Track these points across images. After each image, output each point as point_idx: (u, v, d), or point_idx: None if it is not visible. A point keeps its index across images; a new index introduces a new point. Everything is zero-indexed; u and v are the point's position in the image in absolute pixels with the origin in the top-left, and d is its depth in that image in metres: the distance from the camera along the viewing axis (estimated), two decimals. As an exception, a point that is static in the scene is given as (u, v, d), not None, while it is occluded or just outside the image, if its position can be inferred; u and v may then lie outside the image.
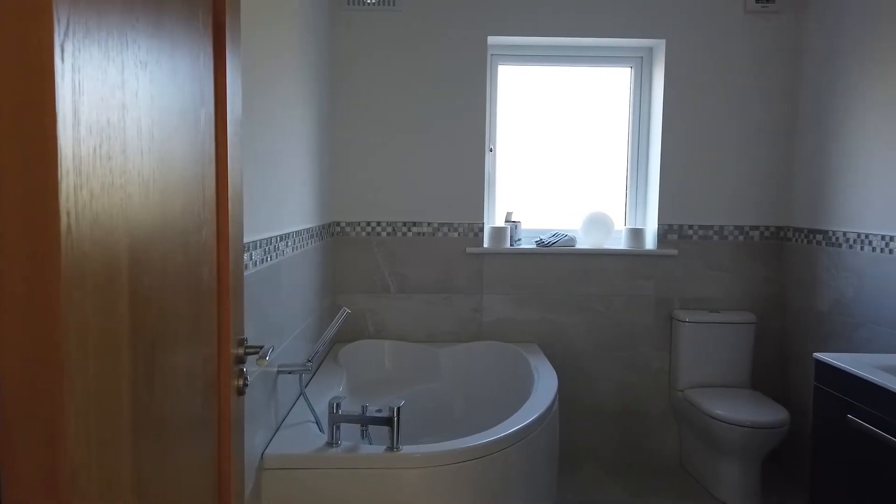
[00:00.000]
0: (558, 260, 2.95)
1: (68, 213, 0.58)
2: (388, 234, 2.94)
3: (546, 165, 3.11)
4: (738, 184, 2.93)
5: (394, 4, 2.82)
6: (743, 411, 2.50)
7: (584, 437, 3.02)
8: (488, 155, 3.00)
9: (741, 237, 2.96)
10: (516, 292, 2.97)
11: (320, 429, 1.93)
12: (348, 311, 2.19)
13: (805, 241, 2.80)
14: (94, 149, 0.63)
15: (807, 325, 2.77)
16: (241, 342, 1.14)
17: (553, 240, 2.96)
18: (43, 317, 0.56)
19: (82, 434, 0.61)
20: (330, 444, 1.75)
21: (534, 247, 2.96)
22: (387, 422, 1.77)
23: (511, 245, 2.97)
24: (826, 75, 2.67)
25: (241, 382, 1.12)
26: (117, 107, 0.68)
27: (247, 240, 1.58)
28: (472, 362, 2.85)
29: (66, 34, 0.57)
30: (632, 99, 3.06)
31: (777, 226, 2.96)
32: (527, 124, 3.09)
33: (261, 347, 1.21)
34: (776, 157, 2.92)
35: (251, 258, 1.62)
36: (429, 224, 2.94)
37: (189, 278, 0.91)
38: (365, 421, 1.82)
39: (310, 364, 1.98)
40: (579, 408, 3.00)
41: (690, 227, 2.95)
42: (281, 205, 1.97)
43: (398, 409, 1.77)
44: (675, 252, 2.93)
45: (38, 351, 0.57)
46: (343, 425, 1.80)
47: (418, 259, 2.95)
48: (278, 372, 1.88)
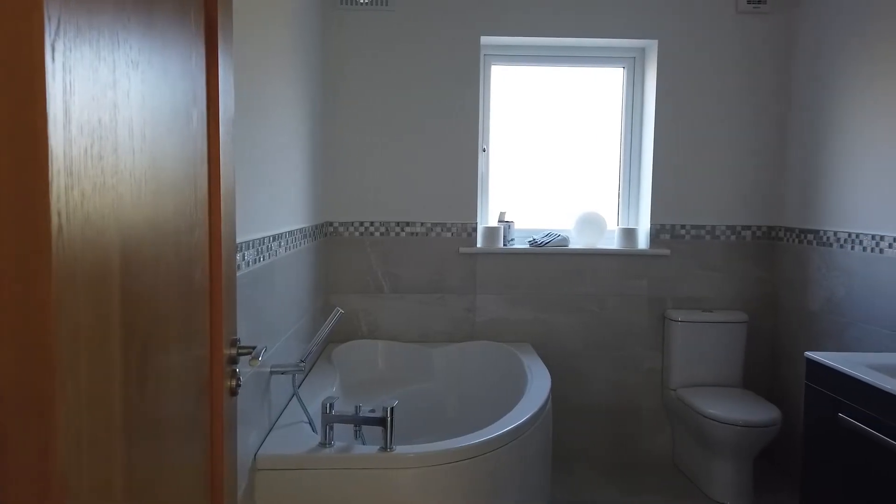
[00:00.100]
0: (551, 260, 2.96)
1: (59, 214, 0.58)
2: (382, 234, 2.94)
3: (539, 165, 3.12)
4: (730, 184, 2.95)
5: (386, 4, 2.82)
6: (735, 410, 2.51)
7: (578, 437, 3.03)
8: (481, 155, 3.01)
9: (733, 237, 2.97)
10: (509, 292, 2.97)
11: (313, 429, 1.93)
12: (341, 311, 2.19)
13: (796, 240, 2.82)
14: (86, 149, 0.63)
15: (798, 325, 2.79)
16: (234, 342, 1.13)
17: (546, 240, 2.96)
18: (34, 317, 0.56)
19: (73, 435, 0.61)
20: (323, 444, 1.74)
21: (527, 247, 2.97)
22: (380, 422, 1.77)
23: (504, 245, 2.97)
24: (817, 75, 2.68)
25: (234, 383, 1.12)
26: (109, 106, 0.68)
27: (239, 240, 1.57)
28: (465, 362, 2.85)
29: (56, 34, 0.57)
30: (624, 99, 3.07)
31: (769, 225, 2.97)
32: (520, 124, 3.10)
33: (253, 348, 1.21)
34: (768, 158, 2.94)
35: (244, 258, 1.62)
36: (422, 224, 2.94)
37: (181, 279, 0.90)
38: (358, 421, 1.82)
39: (303, 364, 1.97)
40: (572, 407, 3.01)
41: (683, 226, 2.96)
42: (274, 205, 1.96)
43: (391, 409, 1.77)
44: (667, 252, 2.94)
45: (28, 352, 0.56)
46: (336, 425, 1.79)
47: (411, 259, 2.95)
48: (271, 372, 1.88)
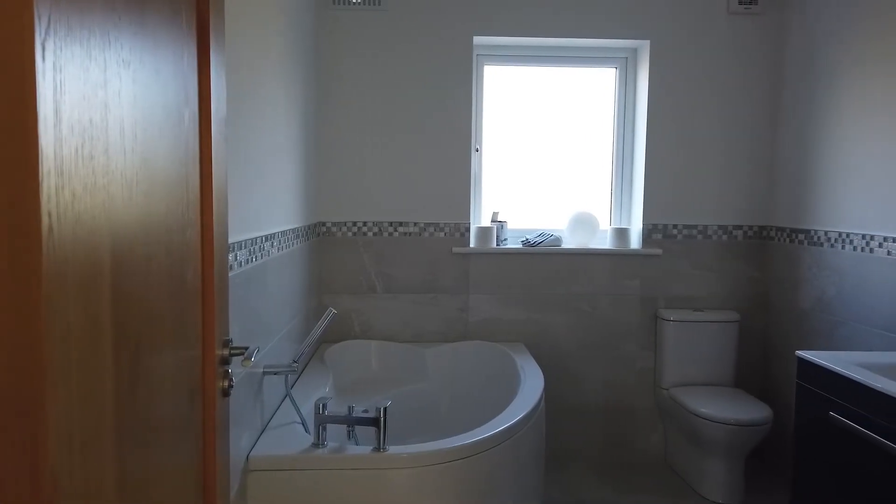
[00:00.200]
0: (544, 260, 2.97)
1: (50, 214, 0.57)
2: (375, 234, 2.94)
3: (532, 165, 3.12)
4: (721, 183, 2.96)
5: (379, 4, 2.82)
6: (727, 409, 2.52)
7: (571, 436, 3.03)
8: (474, 155, 3.01)
9: (725, 237, 2.99)
10: (502, 292, 2.97)
11: (306, 430, 1.93)
12: (334, 311, 2.18)
13: (788, 240, 2.83)
14: (77, 149, 0.62)
15: (790, 324, 2.81)
16: (226, 343, 1.13)
17: (539, 240, 2.97)
18: (24, 318, 0.56)
19: (65, 436, 0.60)
20: (316, 444, 1.74)
21: (520, 247, 2.97)
22: (373, 422, 1.77)
23: (497, 245, 2.97)
24: (808, 75, 2.70)
25: (227, 383, 1.12)
26: (100, 106, 0.68)
27: (232, 240, 1.57)
28: (458, 362, 2.85)
29: (47, 33, 0.56)
30: (617, 99, 3.08)
31: (760, 225, 2.99)
32: (513, 124, 3.10)
33: (246, 348, 1.20)
34: (759, 157, 2.96)
35: (236, 258, 1.61)
36: (415, 224, 2.94)
37: (173, 279, 0.90)
38: (351, 421, 1.82)
39: (296, 365, 1.97)
40: (565, 407, 3.02)
41: (675, 226, 2.97)
42: (266, 205, 1.96)
43: (385, 409, 1.76)
44: (659, 251, 2.95)
45: (19, 353, 0.56)
46: (329, 426, 1.79)
47: (404, 259, 2.95)
48: (264, 373, 1.88)
